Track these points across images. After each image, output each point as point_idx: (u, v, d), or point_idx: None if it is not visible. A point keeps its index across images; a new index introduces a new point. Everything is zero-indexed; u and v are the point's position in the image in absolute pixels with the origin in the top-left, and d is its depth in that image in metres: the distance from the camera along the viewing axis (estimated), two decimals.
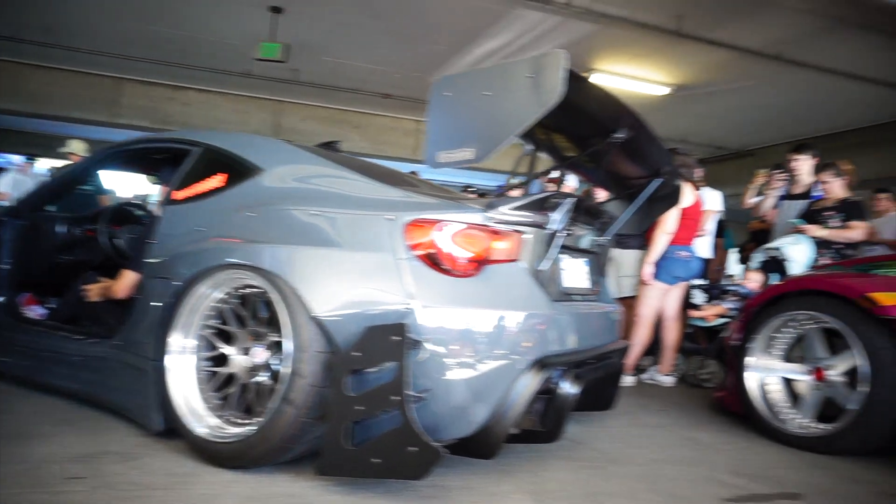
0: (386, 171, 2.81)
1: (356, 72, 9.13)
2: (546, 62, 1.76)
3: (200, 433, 2.07)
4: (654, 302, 4.28)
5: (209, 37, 8.16)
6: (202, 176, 2.60)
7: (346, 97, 10.18)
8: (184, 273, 2.26)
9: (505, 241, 2.11)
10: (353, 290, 1.98)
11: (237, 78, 9.38)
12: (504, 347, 2.00)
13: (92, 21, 7.87)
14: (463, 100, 1.92)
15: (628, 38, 7.34)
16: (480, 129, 1.87)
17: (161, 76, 9.86)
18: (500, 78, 1.88)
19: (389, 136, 11.23)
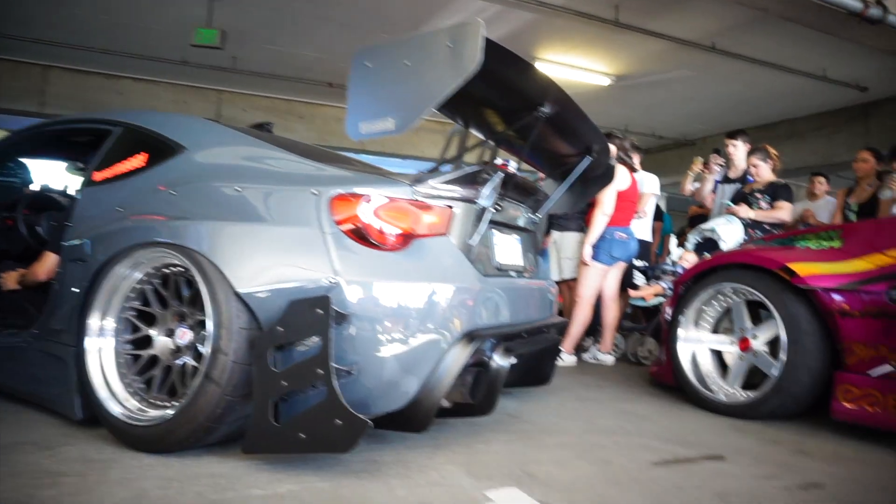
0: (315, 149, 2.76)
1: (298, 60, 8.97)
2: (464, 31, 1.75)
3: (120, 417, 2.00)
4: (594, 282, 4.37)
5: (143, 22, 7.86)
6: (123, 156, 2.50)
7: (289, 86, 10.00)
8: (101, 254, 2.17)
9: (433, 215, 2.10)
10: (278, 265, 1.94)
11: (175, 66, 9.08)
12: (433, 321, 2.00)
13: (14, 5, 7.47)
14: (383, 70, 1.90)
15: (569, 27, 7.45)
16: (401, 100, 1.85)
17: (93, 64, 9.45)
18: (420, 48, 1.87)
19: (336, 127, 11.08)
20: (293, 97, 10.69)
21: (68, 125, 2.87)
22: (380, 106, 1.87)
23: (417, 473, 1.91)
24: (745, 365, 2.99)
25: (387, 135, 1.86)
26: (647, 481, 1.94)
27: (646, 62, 8.52)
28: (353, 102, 1.93)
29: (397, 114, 1.83)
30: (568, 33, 7.69)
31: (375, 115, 1.86)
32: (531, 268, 2.82)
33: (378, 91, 1.90)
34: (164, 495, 1.64)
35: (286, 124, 10.61)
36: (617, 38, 7.63)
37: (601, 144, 2.87)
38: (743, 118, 10.16)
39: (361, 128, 1.88)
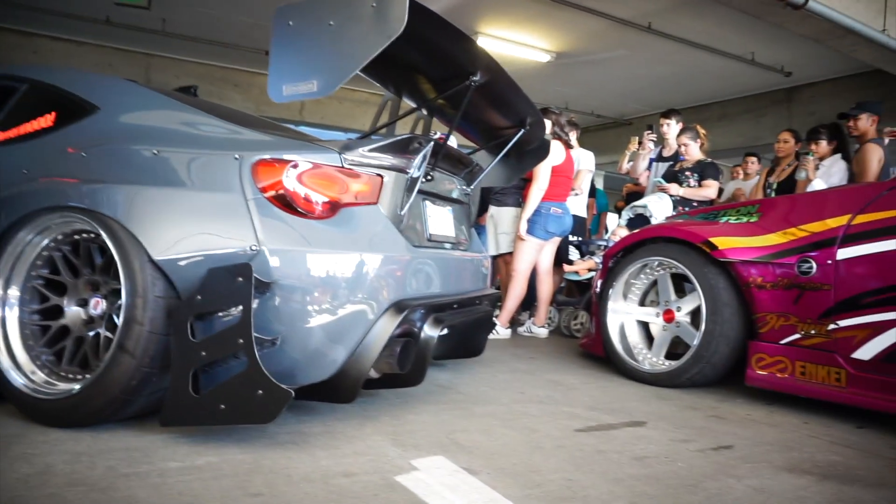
0: (242, 114, 2.65)
1: (234, 26, 8.60)
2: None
3: (24, 390, 1.89)
4: (529, 257, 4.43)
5: None
6: (29, 115, 2.33)
7: (224, 53, 9.59)
8: (3, 219, 2.03)
9: (361, 183, 2.06)
10: (198, 232, 1.86)
11: (97, 26, 8.53)
12: (360, 291, 1.97)
13: None
14: (306, 30, 1.83)
15: (510, 2, 7.42)
16: (324, 61, 1.79)
17: (6, 20, 8.78)
18: (344, 7, 1.80)
19: None
20: (229, 65, 10.27)
21: None
22: (303, 67, 1.81)
23: (344, 444, 1.89)
24: (668, 336, 3.10)
25: (309, 97, 1.80)
26: (571, 447, 1.99)
27: (585, 40, 8.60)
28: (276, 63, 1.86)
29: (320, 76, 1.77)
30: (509, 8, 7.66)
31: (298, 76, 1.80)
32: (464, 240, 2.83)
33: (301, 52, 1.83)
34: (71, 470, 1.56)
35: (222, 93, 10.21)
36: (558, 14, 7.67)
37: (535, 118, 2.88)
38: (678, 99, 10.44)
39: (284, 90, 1.81)
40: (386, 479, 1.63)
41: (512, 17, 7.98)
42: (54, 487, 1.46)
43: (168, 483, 1.53)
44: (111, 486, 1.48)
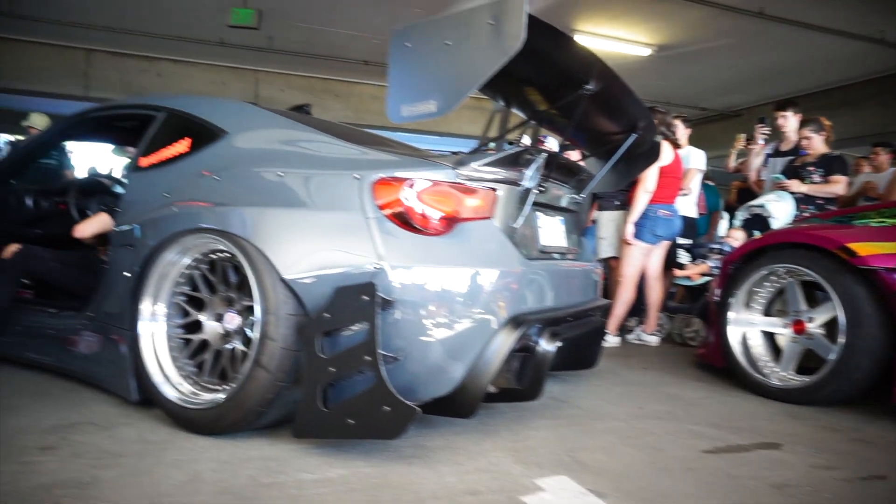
0: (356, 131, 2.74)
1: (334, 38, 8.93)
2: (506, 7, 1.69)
3: (174, 399, 2.04)
4: (636, 262, 4.28)
5: (180, 4, 7.91)
6: (167, 141, 2.53)
7: (325, 65, 9.98)
8: (150, 240, 2.21)
9: (476, 198, 2.06)
10: (322, 251, 1.93)
11: (212, 47, 9.14)
12: (478, 306, 1.97)
13: None
14: (423, 50, 1.84)
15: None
16: (442, 81, 1.80)
17: (133, 47, 9.59)
18: (460, 26, 1.80)
19: (372, 105, 11.05)
20: (329, 76, 10.67)
21: (113, 111, 2.91)
22: (421, 88, 1.83)
23: (466, 460, 1.90)
24: (799, 348, 2.88)
25: (429, 117, 1.82)
26: (700, 470, 1.89)
27: (688, 31, 8.20)
28: (394, 85, 1.90)
29: (439, 96, 1.78)
30: (607, 4, 7.45)
31: (417, 97, 1.82)
32: (575, 249, 2.77)
33: (419, 72, 1.86)
34: (218, 478, 1.67)
35: (323, 103, 10.62)
36: (658, 6, 7.37)
37: (647, 121, 2.78)
38: (791, 86, 9.74)
39: (403, 111, 1.84)
40: (512, 498, 1.62)
41: (610, 13, 7.75)
42: (206, 495, 1.57)
43: (305, 495, 1.59)
44: (255, 497, 1.57)
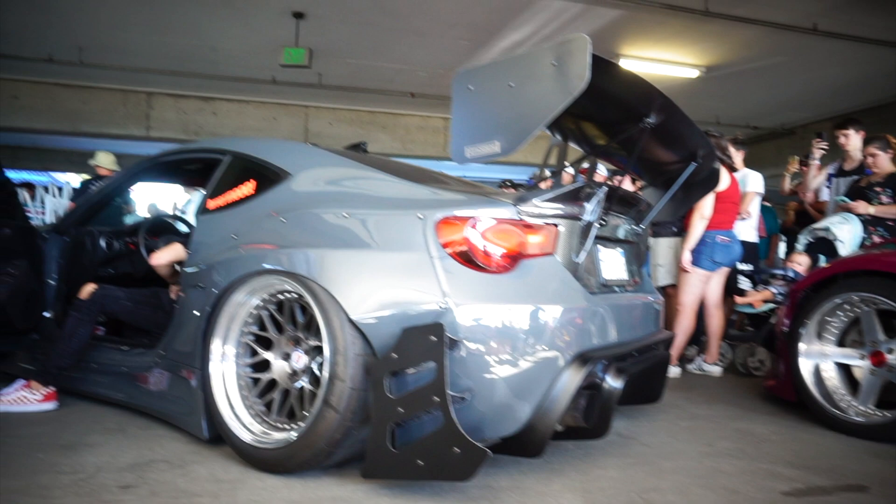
0: (413, 169, 2.78)
1: (380, 72, 9.15)
2: (570, 48, 1.70)
3: (245, 439, 2.08)
4: (695, 289, 4.17)
5: (235, 46, 8.26)
6: (232, 184, 2.61)
7: (372, 98, 10.21)
8: (220, 281, 2.27)
9: (538, 234, 2.06)
10: (388, 291, 1.96)
11: (264, 85, 9.49)
12: (543, 343, 1.96)
13: (121, 38, 8.05)
14: (486, 92, 1.87)
15: (654, 21, 7.19)
16: (506, 122, 1.82)
17: (191, 88, 10.04)
18: (523, 67, 1.82)
19: (418, 136, 11.24)
20: (376, 108, 10.92)
21: (182, 155, 3.04)
22: (485, 129, 1.85)
23: (536, 501, 1.87)
24: (878, 381, 2.74)
25: (492, 158, 1.83)
26: None
27: (738, 50, 8.08)
28: (457, 126, 1.92)
29: (503, 136, 1.80)
30: (653, 27, 7.41)
31: (481, 138, 1.84)
32: (636, 280, 2.73)
33: (482, 114, 1.88)
34: None
35: (370, 135, 10.85)
36: (706, 27, 7.29)
37: (707, 149, 2.73)
38: (847, 102, 9.45)
39: (467, 152, 1.86)
40: None
41: (655, 37, 7.72)
42: None
43: None
44: None
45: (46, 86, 9.78)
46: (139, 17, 7.45)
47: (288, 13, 7.19)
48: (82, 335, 2.78)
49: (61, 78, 9.56)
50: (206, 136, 10.32)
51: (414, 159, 13.50)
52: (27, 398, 2.71)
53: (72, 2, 7.10)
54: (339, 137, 10.81)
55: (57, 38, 8.12)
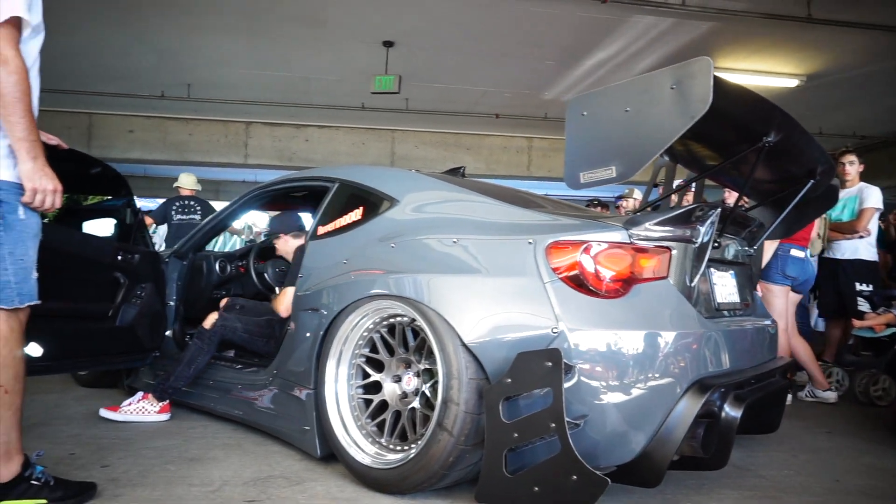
0: (511, 192, 2.80)
1: (466, 94, 9.29)
2: (691, 71, 1.68)
3: (360, 460, 2.14)
4: (779, 308, 3.92)
5: (327, 76, 8.65)
6: (341, 211, 2.72)
7: (457, 120, 10.38)
8: (332, 305, 2.37)
9: (651, 258, 2.02)
10: (501, 315, 1.98)
11: (354, 112, 9.86)
12: (659, 370, 1.91)
13: (224, 73, 8.62)
14: (601, 117, 1.87)
15: (751, 31, 6.92)
16: (622, 146, 1.81)
17: (285, 117, 10.58)
18: (640, 92, 1.81)
19: (502, 156, 11.30)
20: (460, 130, 11.08)
21: (292, 184, 3.20)
22: (600, 154, 1.85)
23: None
24: None
25: (608, 183, 1.82)
26: None
27: (842, 57, 7.62)
28: (571, 152, 1.93)
29: (619, 161, 1.79)
30: (750, 38, 7.13)
31: (595, 163, 1.84)
32: (748, 303, 2.61)
33: (596, 139, 1.88)
34: None
35: (454, 156, 11.02)
36: (807, 35, 6.93)
37: (826, 165, 2.59)
38: None
39: (581, 177, 1.86)
40: None
41: (752, 47, 7.41)
42: None
43: None
44: None
45: (158, 120, 10.59)
46: (240, 54, 7.97)
47: (378, 43, 7.46)
48: (201, 363, 2.98)
49: (171, 112, 10.33)
50: (298, 162, 10.82)
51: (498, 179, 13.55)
52: (147, 409, 2.95)
53: (182, 43, 7.69)
54: (425, 160, 11.04)
55: (168, 76, 8.80)
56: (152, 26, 7.24)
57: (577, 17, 6.66)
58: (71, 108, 9.96)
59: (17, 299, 1.75)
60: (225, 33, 7.39)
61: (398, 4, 6.54)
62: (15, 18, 1.67)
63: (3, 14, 1.65)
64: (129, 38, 7.59)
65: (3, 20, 1.65)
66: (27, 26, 1.74)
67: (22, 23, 1.71)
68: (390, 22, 7.00)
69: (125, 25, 7.25)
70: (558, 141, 11.14)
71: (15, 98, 1.67)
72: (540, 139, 11.20)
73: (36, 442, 2.44)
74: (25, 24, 1.73)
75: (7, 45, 1.66)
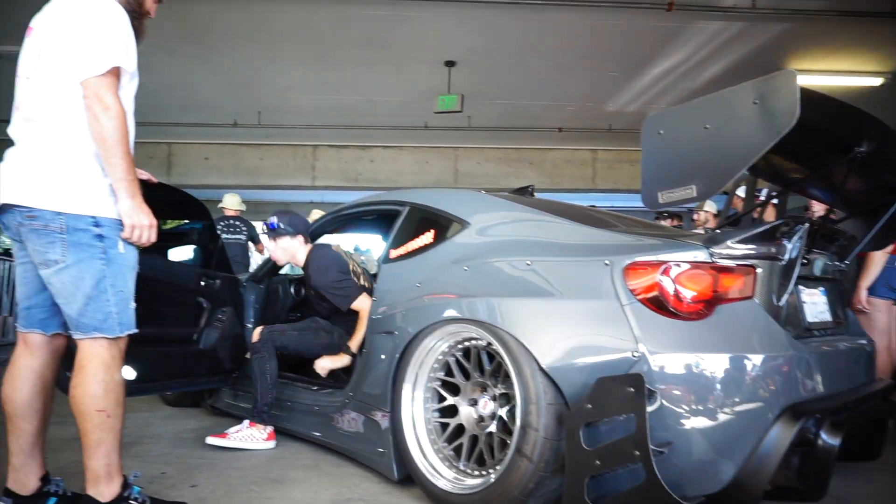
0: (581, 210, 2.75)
1: (528, 110, 9.27)
2: (774, 85, 1.61)
3: (438, 484, 2.15)
4: (881, 325, 3.67)
5: (391, 97, 8.82)
6: (413, 234, 2.76)
7: (519, 136, 10.35)
8: (407, 328, 2.39)
9: (735, 277, 1.94)
10: (578, 339, 1.94)
11: (417, 132, 10.00)
12: (747, 395, 1.83)
13: (293, 99, 8.94)
14: (679, 135, 1.82)
15: (827, 30, 6.60)
16: (702, 165, 1.76)
17: (350, 139, 10.84)
18: (720, 108, 1.76)
19: (566, 169, 11.17)
20: (523, 145, 11.02)
21: (363, 208, 3.27)
22: (678, 173, 1.80)
23: None
24: None
25: (688, 202, 1.77)
26: None
27: None
28: (648, 171, 1.89)
29: (699, 180, 1.74)
30: (827, 36, 6.81)
31: (674, 182, 1.79)
32: (840, 322, 2.47)
33: (674, 158, 1.84)
34: None
35: (517, 171, 10.98)
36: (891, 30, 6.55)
37: None
38: None
39: (660, 197, 1.82)
40: None
41: (830, 46, 7.07)
42: None
43: None
44: None
45: (231, 146, 11.07)
46: (307, 80, 8.25)
47: (440, 63, 7.56)
48: (272, 370, 3.04)
49: (243, 139, 10.78)
50: (364, 182, 11.05)
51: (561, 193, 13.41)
52: (255, 437, 2.97)
53: (253, 74, 8.04)
54: (488, 176, 11.06)
55: (240, 105, 9.20)
56: (226, 59, 7.61)
57: (641, 26, 6.55)
58: (152, 139, 10.55)
59: (119, 328, 1.86)
60: (293, 62, 7.69)
61: (460, 25, 6.62)
62: (115, 68, 1.80)
63: (105, 64, 1.78)
64: (204, 72, 8.01)
65: (105, 70, 1.78)
66: (125, 73, 1.87)
67: (120, 71, 1.83)
68: (452, 42, 7.09)
69: (201, 60, 7.66)
70: (623, 152, 10.93)
71: (116, 142, 1.78)
72: (604, 151, 11.01)
73: (130, 461, 2.57)
74: (123, 72, 1.86)
75: (108, 93, 1.78)
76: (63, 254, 1.80)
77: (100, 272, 1.83)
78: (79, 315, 1.82)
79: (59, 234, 1.79)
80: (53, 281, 1.83)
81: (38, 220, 1.80)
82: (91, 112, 1.77)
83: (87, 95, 1.77)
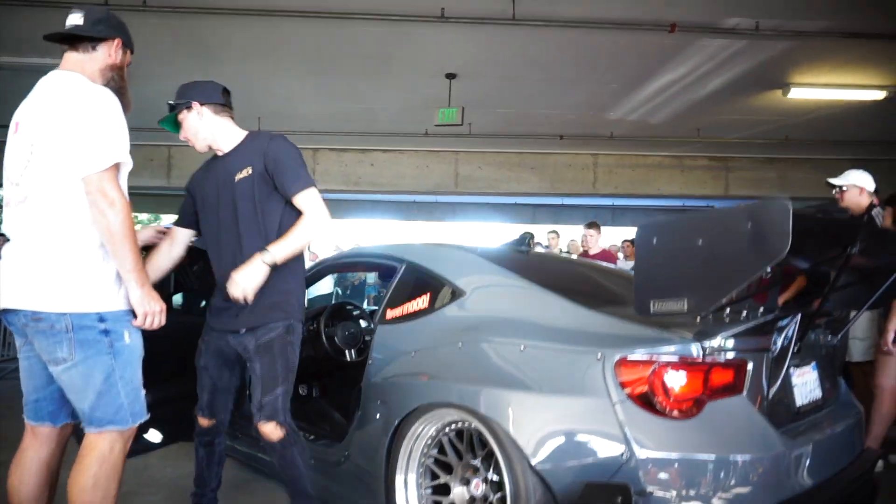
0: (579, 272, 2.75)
1: (529, 118, 9.22)
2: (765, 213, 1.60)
3: None
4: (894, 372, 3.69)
5: (392, 106, 8.79)
6: (409, 295, 2.74)
7: (520, 142, 10.32)
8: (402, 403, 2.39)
9: (725, 374, 1.96)
10: (570, 438, 1.96)
11: (418, 138, 9.96)
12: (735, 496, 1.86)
13: (293, 106, 8.90)
14: (671, 248, 1.82)
15: (830, 47, 6.55)
16: (695, 280, 1.76)
17: (350, 143, 10.82)
18: (714, 226, 1.76)
19: (567, 174, 11.14)
20: (524, 150, 10.99)
21: (361, 259, 3.29)
22: (670, 285, 1.81)
23: None
24: None
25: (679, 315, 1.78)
26: None
27: None
28: (641, 278, 1.90)
29: (691, 295, 1.74)
30: (830, 54, 6.75)
31: (666, 293, 1.80)
32: (830, 394, 2.49)
33: (667, 269, 1.84)
34: None
35: (519, 176, 10.96)
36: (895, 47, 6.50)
37: None
38: None
39: (652, 306, 1.83)
40: None
41: (831, 63, 7.01)
42: None
43: None
44: None
45: None
46: (309, 90, 8.22)
47: (441, 75, 7.52)
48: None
49: None
50: (364, 186, 11.04)
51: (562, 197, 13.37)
52: None
53: (253, 79, 7.99)
54: (488, 180, 11.04)
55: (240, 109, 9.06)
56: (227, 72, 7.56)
57: (643, 45, 6.50)
58: (152, 142, 10.52)
59: (131, 419, 1.89)
60: (295, 74, 7.65)
61: (461, 38, 6.57)
62: None
63: (108, 160, 1.78)
64: None
65: (108, 166, 1.78)
66: (125, 166, 1.88)
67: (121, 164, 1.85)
68: (453, 55, 7.04)
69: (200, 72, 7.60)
70: (625, 157, 10.89)
71: (123, 235, 1.79)
72: (605, 155, 10.97)
73: None
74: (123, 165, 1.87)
75: (112, 188, 1.79)
76: (70, 352, 1.82)
77: (108, 367, 1.85)
78: (91, 410, 1.85)
79: (65, 333, 1.81)
80: (63, 378, 1.86)
81: (43, 322, 1.81)
82: (96, 208, 1.78)
83: (91, 191, 1.77)
